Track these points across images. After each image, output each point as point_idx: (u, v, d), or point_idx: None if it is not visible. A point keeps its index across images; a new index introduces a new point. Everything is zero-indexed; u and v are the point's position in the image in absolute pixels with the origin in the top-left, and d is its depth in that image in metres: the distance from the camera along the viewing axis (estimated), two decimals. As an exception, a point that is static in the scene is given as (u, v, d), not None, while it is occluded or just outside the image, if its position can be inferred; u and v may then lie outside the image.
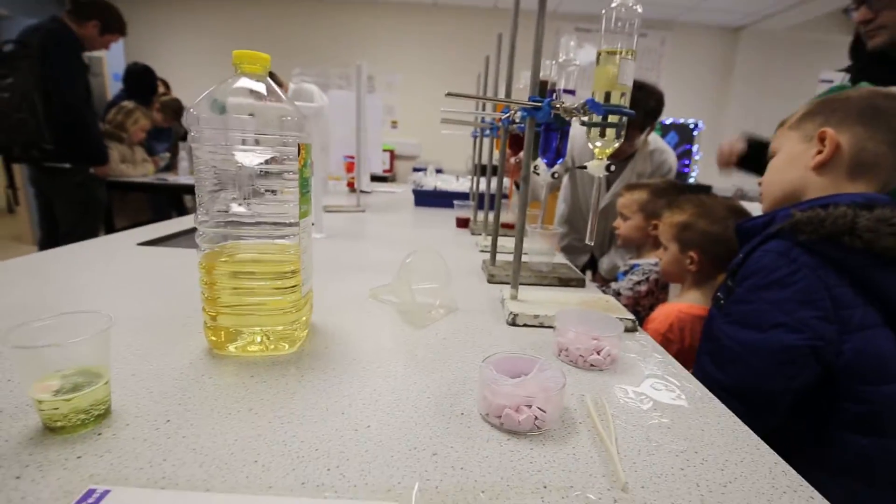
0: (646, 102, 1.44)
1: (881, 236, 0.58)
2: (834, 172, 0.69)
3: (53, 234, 2.24)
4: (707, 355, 0.67)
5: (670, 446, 0.40)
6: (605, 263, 1.75)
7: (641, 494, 0.34)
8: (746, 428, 0.44)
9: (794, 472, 0.38)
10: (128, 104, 2.80)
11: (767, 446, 0.41)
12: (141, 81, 3.04)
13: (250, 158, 0.48)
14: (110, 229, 2.80)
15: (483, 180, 1.31)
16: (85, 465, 0.33)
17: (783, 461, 0.39)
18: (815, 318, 0.60)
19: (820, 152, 0.69)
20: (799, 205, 0.69)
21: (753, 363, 0.61)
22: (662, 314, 1.01)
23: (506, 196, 1.83)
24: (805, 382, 0.62)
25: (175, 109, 3.18)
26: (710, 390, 0.55)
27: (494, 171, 1.19)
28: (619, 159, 1.64)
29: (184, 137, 3.41)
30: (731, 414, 0.46)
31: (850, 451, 0.60)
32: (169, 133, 3.30)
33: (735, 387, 0.62)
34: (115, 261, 0.89)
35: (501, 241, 1.00)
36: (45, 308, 0.63)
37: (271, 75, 2.64)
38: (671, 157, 1.67)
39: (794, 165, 0.72)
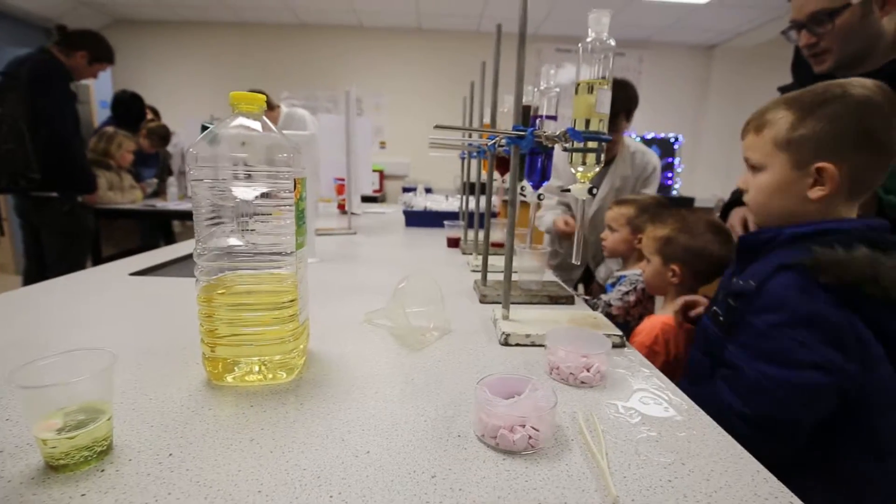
0: (624, 91, 1.54)
1: None
2: (831, 198, 0.68)
3: (39, 263, 2.21)
4: (724, 382, 0.65)
5: (658, 459, 0.42)
6: (601, 272, 1.78)
7: (632, 508, 0.36)
8: (730, 438, 0.46)
9: (774, 479, 0.40)
10: (108, 129, 2.80)
11: (750, 455, 0.43)
12: (129, 109, 3.06)
13: (247, 192, 0.50)
14: (98, 257, 2.77)
15: (472, 199, 1.33)
16: (89, 502, 0.34)
17: (764, 469, 0.41)
18: (843, 357, 0.61)
19: (817, 184, 0.68)
20: (804, 226, 0.69)
21: (780, 396, 0.61)
22: (648, 327, 1.03)
23: (495, 215, 1.86)
24: (825, 413, 0.62)
25: (162, 136, 3.20)
26: (725, 415, 0.55)
27: (483, 189, 1.22)
28: (602, 163, 1.68)
29: (170, 167, 3.41)
30: (716, 425, 0.48)
31: (857, 474, 0.63)
32: (156, 159, 3.31)
33: (758, 416, 0.62)
34: (108, 292, 0.89)
35: (492, 260, 1.02)
36: (41, 344, 0.64)
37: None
38: (654, 158, 1.71)
39: (788, 193, 0.71)
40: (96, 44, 2.12)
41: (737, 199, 1.15)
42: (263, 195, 0.51)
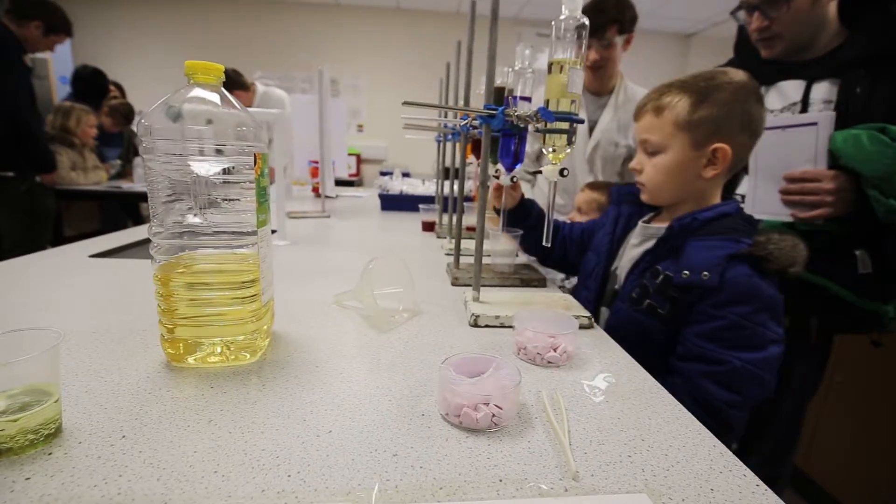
0: (631, 10, 1.47)
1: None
2: (718, 178, 0.78)
3: None
4: (708, 379, 0.67)
5: (619, 435, 0.43)
6: None
7: (591, 482, 0.36)
8: (689, 415, 0.47)
9: (730, 453, 0.41)
10: (65, 104, 2.63)
11: (708, 431, 0.44)
12: (91, 85, 2.90)
13: (206, 168, 0.48)
14: (59, 239, 2.65)
15: (448, 183, 1.32)
16: (34, 486, 0.33)
17: (721, 444, 0.42)
18: (781, 327, 0.70)
19: (711, 164, 0.75)
20: (707, 211, 0.76)
21: (763, 378, 0.67)
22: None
23: (471, 199, 1.86)
24: None
25: (125, 114, 3.04)
26: (714, 408, 0.66)
27: (458, 173, 1.21)
28: (602, 93, 1.60)
29: (135, 147, 3.27)
30: (677, 402, 0.50)
31: None
32: (120, 138, 3.15)
33: (752, 401, 0.68)
34: (66, 274, 0.85)
35: (465, 243, 1.02)
36: (-12, 326, 0.60)
37: (237, 76, 2.55)
38: None
39: (683, 171, 0.77)
40: (51, 14, 2.00)
41: None
42: (223, 171, 0.49)
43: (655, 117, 0.78)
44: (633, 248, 0.86)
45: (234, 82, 2.44)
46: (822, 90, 0.93)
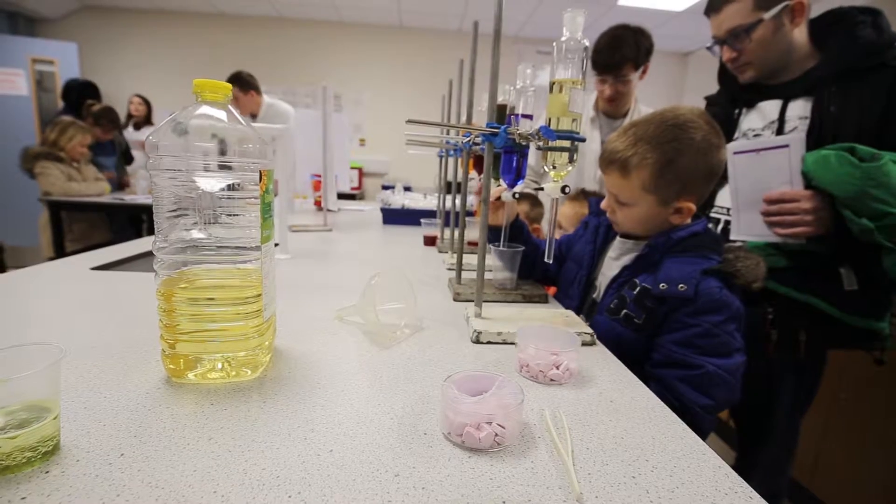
0: (632, 37, 1.50)
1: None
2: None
3: None
4: (683, 383, 0.71)
5: (623, 455, 0.42)
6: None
7: (595, 504, 0.36)
8: (694, 435, 0.47)
9: (735, 474, 0.40)
10: (64, 119, 2.60)
11: (712, 451, 0.44)
12: (82, 97, 2.90)
13: (211, 184, 0.49)
14: (61, 253, 2.66)
15: (450, 198, 1.33)
16: (31, 505, 0.32)
17: (726, 465, 0.42)
18: (742, 336, 0.74)
19: (678, 213, 0.80)
20: (681, 230, 0.80)
21: (731, 383, 0.71)
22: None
23: (472, 214, 1.86)
24: None
25: (111, 119, 2.94)
26: (689, 411, 0.68)
27: (460, 188, 1.22)
28: (617, 116, 1.65)
29: (127, 150, 3.24)
30: (680, 422, 0.49)
31: None
32: (112, 146, 3.07)
33: (723, 405, 0.72)
34: (66, 287, 0.85)
35: (467, 258, 1.02)
36: (-13, 340, 0.60)
37: (251, 79, 2.59)
38: None
39: (653, 220, 0.82)
40: None
41: None
42: (228, 186, 0.49)
43: (622, 178, 0.81)
44: (612, 261, 0.90)
45: (249, 84, 2.50)
46: (797, 108, 0.97)
